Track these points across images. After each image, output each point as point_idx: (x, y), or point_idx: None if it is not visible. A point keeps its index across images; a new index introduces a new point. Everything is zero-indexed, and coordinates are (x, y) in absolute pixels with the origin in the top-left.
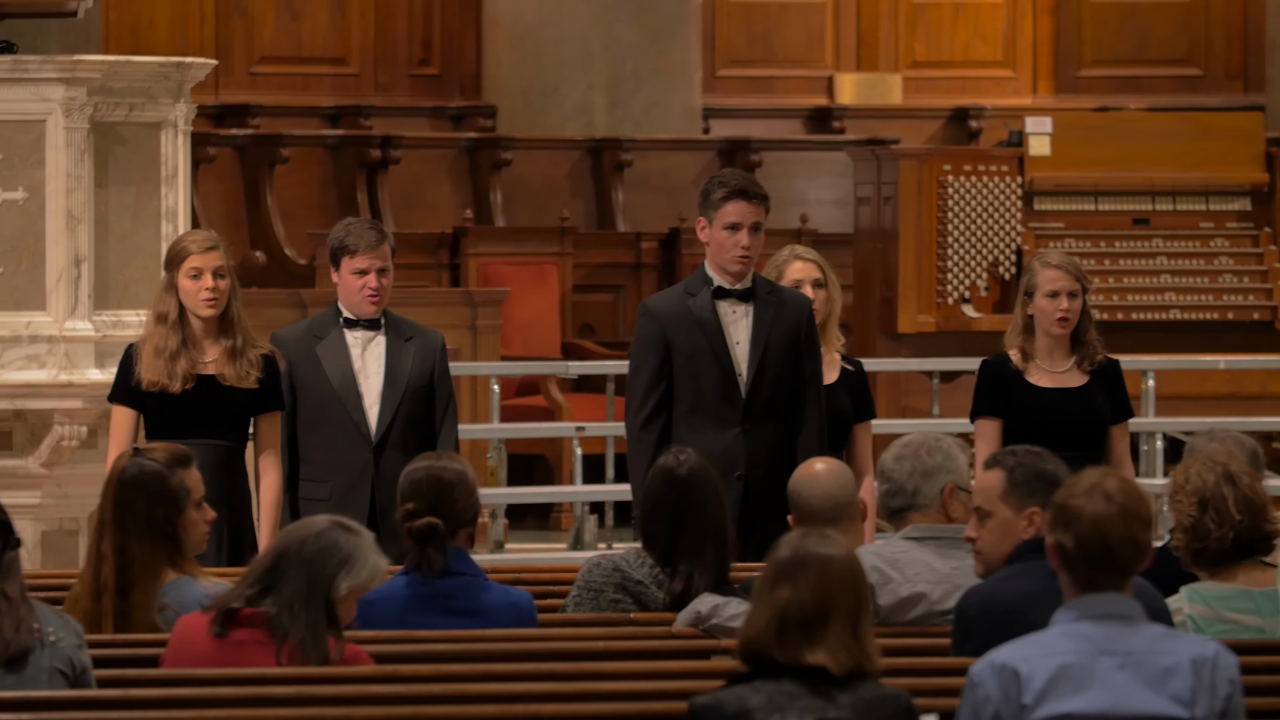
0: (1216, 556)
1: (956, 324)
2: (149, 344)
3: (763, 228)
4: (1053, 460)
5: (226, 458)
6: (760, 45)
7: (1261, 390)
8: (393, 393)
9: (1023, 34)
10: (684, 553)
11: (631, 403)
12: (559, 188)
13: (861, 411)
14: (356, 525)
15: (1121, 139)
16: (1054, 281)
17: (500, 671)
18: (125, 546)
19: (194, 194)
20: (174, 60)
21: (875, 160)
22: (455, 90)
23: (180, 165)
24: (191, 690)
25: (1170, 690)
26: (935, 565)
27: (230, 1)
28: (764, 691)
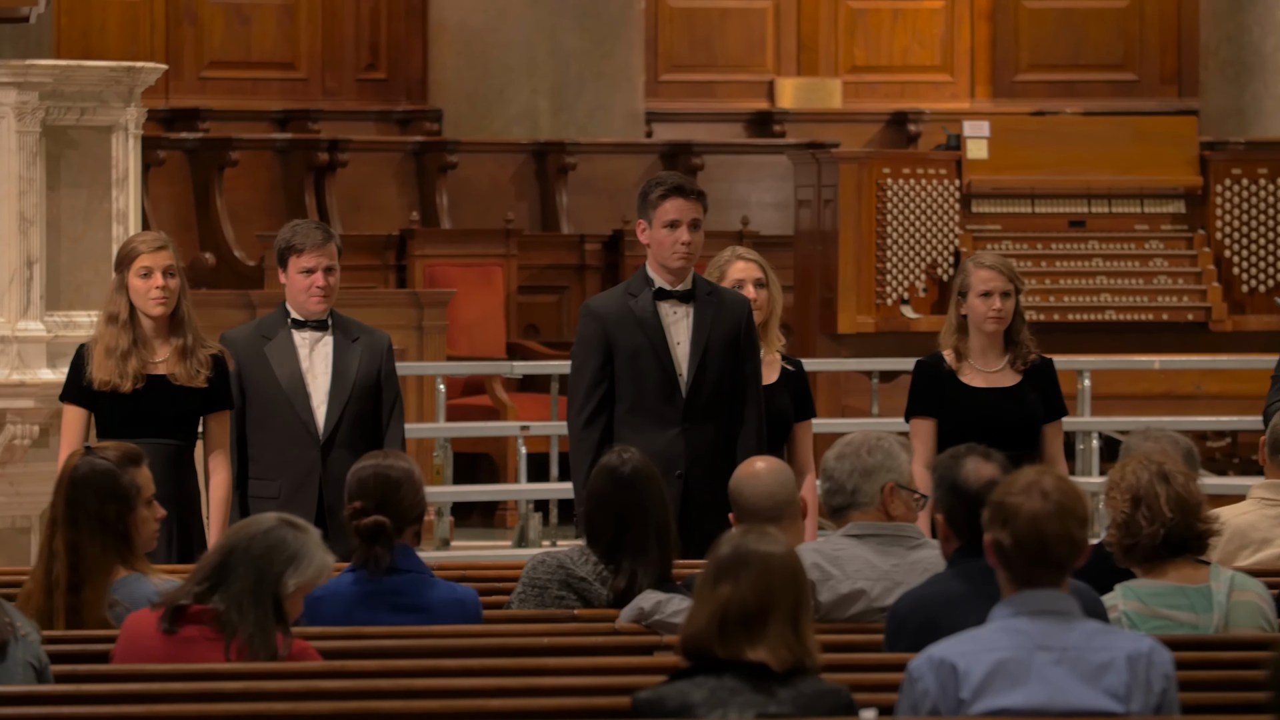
0: (1148, 553)
1: (895, 324)
2: (100, 344)
3: (701, 225)
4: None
5: (176, 456)
6: (702, 50)
7: (1195, 390)
8: (340, 392)
9: (960, 39)
10: (627, 550)
11: (573, 402)
12: (504, 190)
13: (802, 411)
14: (303, 523)
15: (1058, 143)
16: (987, 282)
17: (446, 667)
18: (77, 544)
19: (144, 197)
20: (125, 65)
21: (815, 163)
22: (402, 94)
23: (131, 168)
24: (142, 686)
25: (1106, 685)
26: (875, 562)
27: (180, 7)
28: (706, 687)
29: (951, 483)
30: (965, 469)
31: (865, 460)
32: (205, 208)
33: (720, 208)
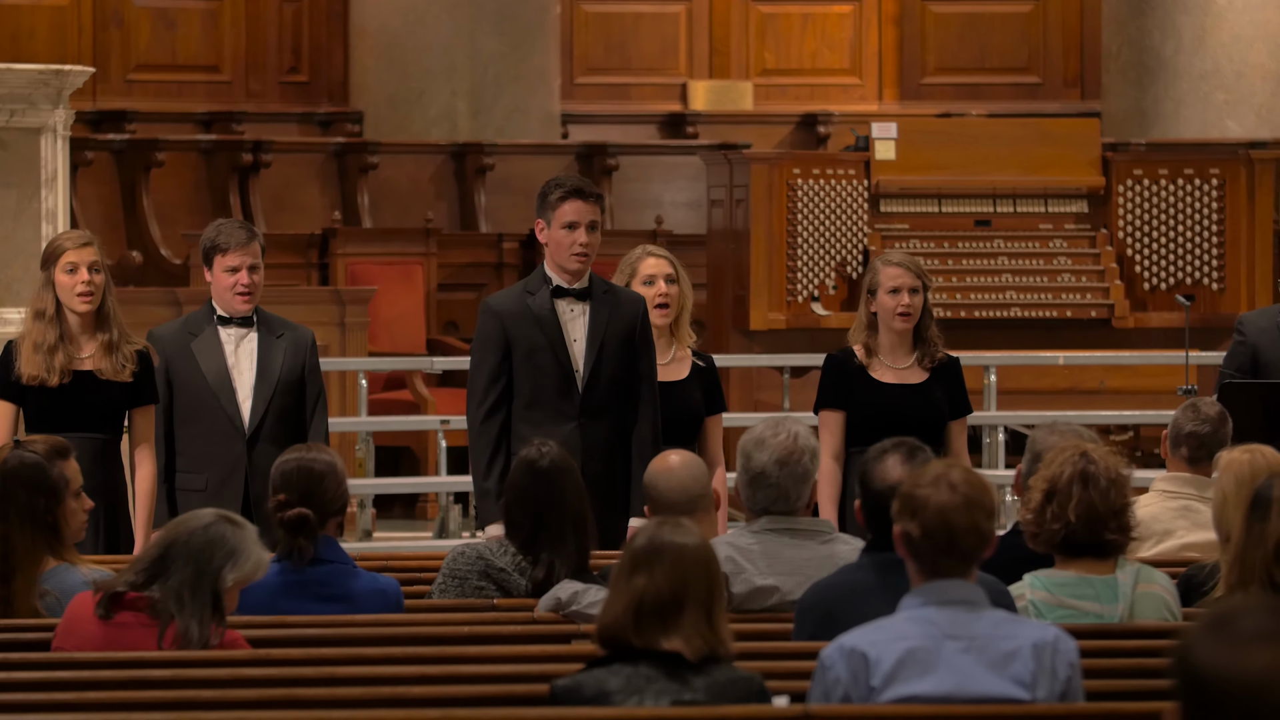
0: (1050, 546)
1: (806, 321)
2: (28, 339)
3: (599, 227)
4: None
5: (103, 450)
6: (616, 54)
7: (1099, 385)
8: (265, 387)
9: (868, 43)
10: (546, 541)
11: (473, 397)
12: (424, 190)
13: (712, 405)
14: (241, 519)
15: (964, 144)
16: (895, 279)
17: (369, 655)
18: (7, 535)
19: (73, 196)
20: (53, 68)
21: (727, 164)
22: (324, 97)
23: (59, 169)
24: (73, 673)
25: (1012, 673)
26: (788, 556)
27: (107, 12)
28: (622, 675)
29: (866, 477)
30: (881, 465)
31: (806, 465)
32: (132, 207)
33: (634, 207)
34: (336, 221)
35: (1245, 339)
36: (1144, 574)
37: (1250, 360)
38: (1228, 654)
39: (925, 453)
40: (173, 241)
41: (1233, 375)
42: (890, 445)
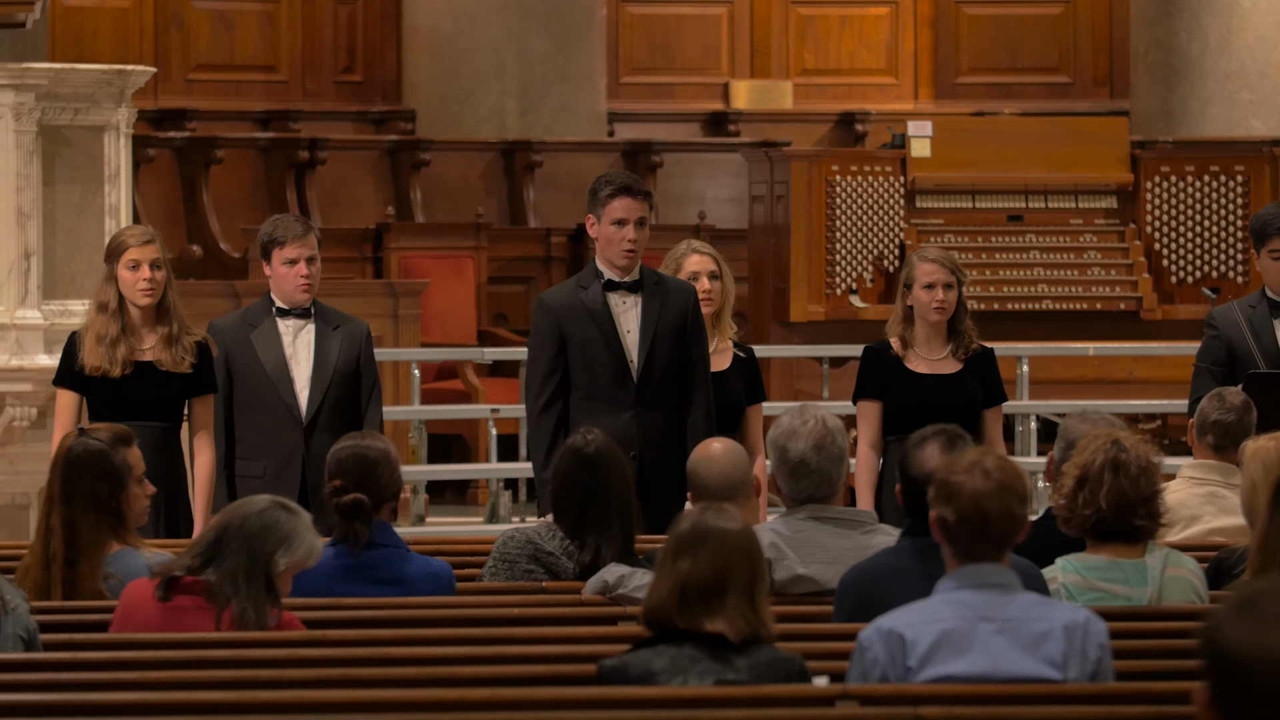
0: (1081, 530)
1: (844, 313)
2: (91, 331)
3: (647, 223)
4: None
5: (163, 438)
6: (661, 54)
7: (1128, 375)
8: (322, 377)
9: (904, 44)
10: (592, 526)
11: (530, 390)
12: (474, 187)
13: (753, 395)
14: (295, 506)
15: (997, 142)
16: (931, 274)
17: (421, 636)
18: (73, 520)
19: (135, 192)
20: (116, 68)
21: (768, 161)
22: (377, 96)
23: (122, 165)
24: (135, 653)
25: (1044, 654)
26: (830, 545)
27: (168, 13)
28: (666, 655)
29: (906, 463)
30: (921, 452)
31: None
32: (192, 203)
33: (678, 203)
34: (390, 217)
35: (1219, 333)
36: (1172, 558)
37: (1225, 353)
38: (1253, 634)
39: (965, 440)
40: (232, 236)
41: (1209, 368)
42: (931, 433)
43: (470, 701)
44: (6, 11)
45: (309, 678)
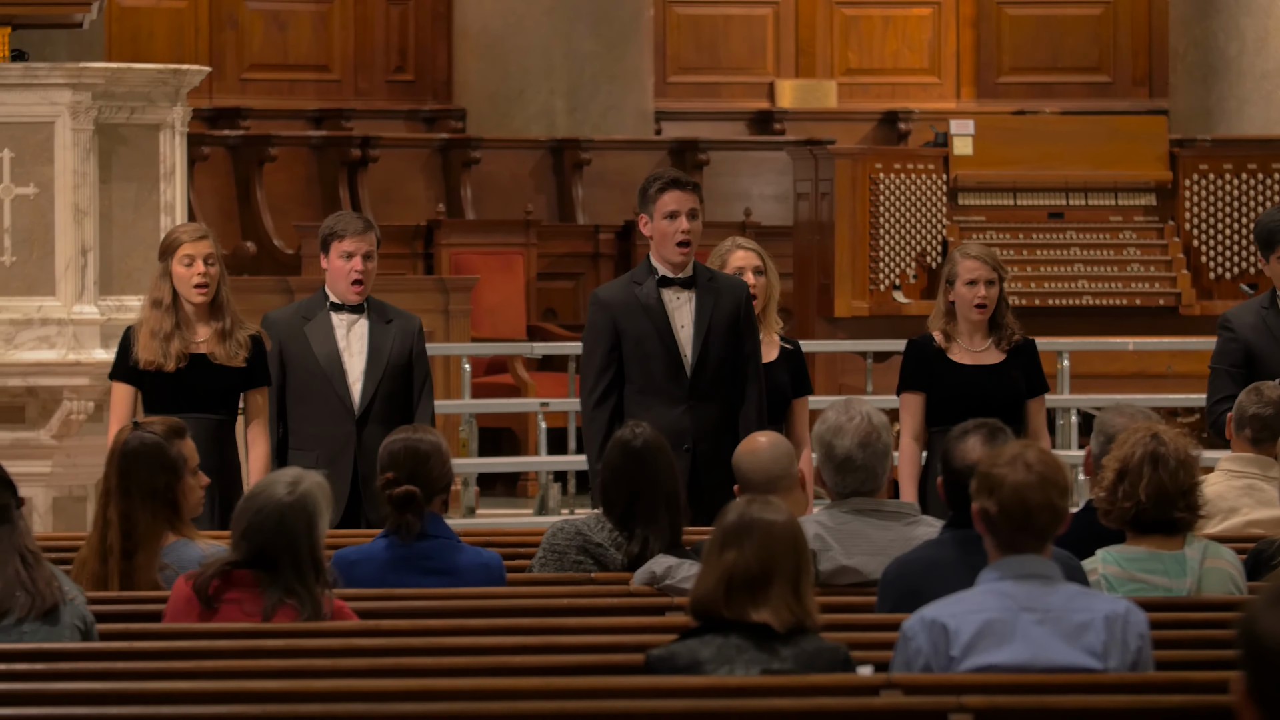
0: (1122, 522)
1: (888, 309)
2: (146, 326)
3: (699, 215)
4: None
5: (218, 430)
6: (707, 54)
7: (1166, 369)
8: (375, 371)
9: (947, 44)
10: (640, 518)
11: (585, 384)
12: (524, 184)
13: (799, 388)
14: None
15: (1038, 140)
16: (972, 271)
17: (472, 626)
18: (130, 513)
19: (190, 189)
20: (171, 67)
21: (813, 159)
22: (428, 95)
23: (177, 163)
24: (190, 643)
25: (1085, 644)
26: (874, 537)
27: (222, 14)
28: (713, 645)
29: (948, 456)
30: (962, 445)
31: (886, 441)
32: (246, 200)
33: (724, 200)
34: (441, 214)
35: (1235, 335)
36: (1211, 549)
37: (1243, 355)
38: None
39: (1006, 434)
40: (285, 232)
41: (1228, 370)
42: (972, 426)
43: (520, 690)
44: (64, 12)
45: (361, 667)
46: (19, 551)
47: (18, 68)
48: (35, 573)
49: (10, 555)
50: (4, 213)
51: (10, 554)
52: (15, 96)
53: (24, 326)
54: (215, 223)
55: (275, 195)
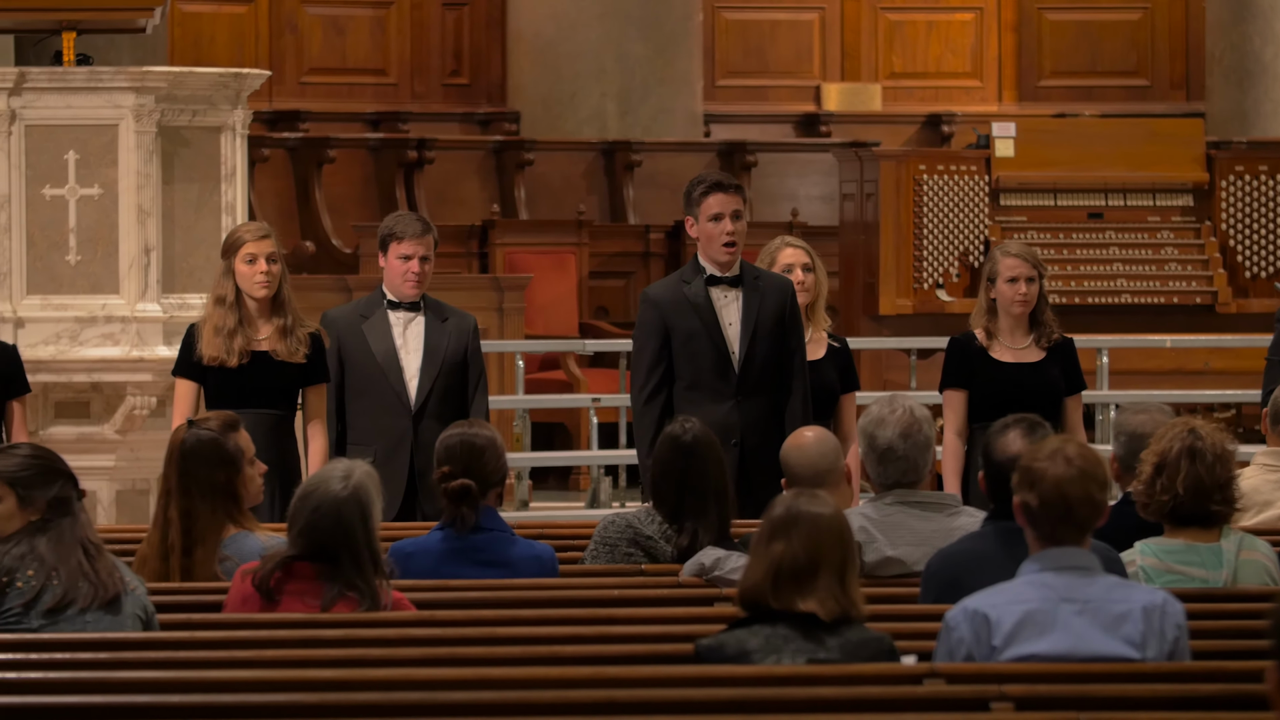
0: (1159, 515)
1: (931, 307)
2: (208, 323)
3: (743, 215)
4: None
5: (278, 425)
6: (755, 58)
7: (1204, 366)
8: (431, 367)
9: (989, 48)
10: (690, 511)
11: (636, 381)
12: (576, 185)
13: (847, 384)
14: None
15: (1077, 142)
16: (1013, 269)
17: (526, 616)
18: (190, 509)
19: (250, 190)
20: (232, 71)
21: (858, 161)
22: (483, 98)
23: (238, 165)
24: (250, 633)
25: (1124, 634)
26: (917, 527)
27: (282, 19)
28: (761, 635)
29: (989, 450)
30: (1002, 439)
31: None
32: (306, 200)
33: (772, 200)
34: (495, 214)
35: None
36: (1247, 542)
37: None
38: None
39: (1045, 428)
40: (343, 232)
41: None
42: (1012, 421)
43: (573, 679)
44: (127, 17)
45: (418, 656)
46: (81, 543)
47: (83, 71)
48: (97, 563)
49: (73, 547)
50: (70, 213)
51: (73, 546)
52: (80, 100)
53: (89, 324)
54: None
55: (333, 196)
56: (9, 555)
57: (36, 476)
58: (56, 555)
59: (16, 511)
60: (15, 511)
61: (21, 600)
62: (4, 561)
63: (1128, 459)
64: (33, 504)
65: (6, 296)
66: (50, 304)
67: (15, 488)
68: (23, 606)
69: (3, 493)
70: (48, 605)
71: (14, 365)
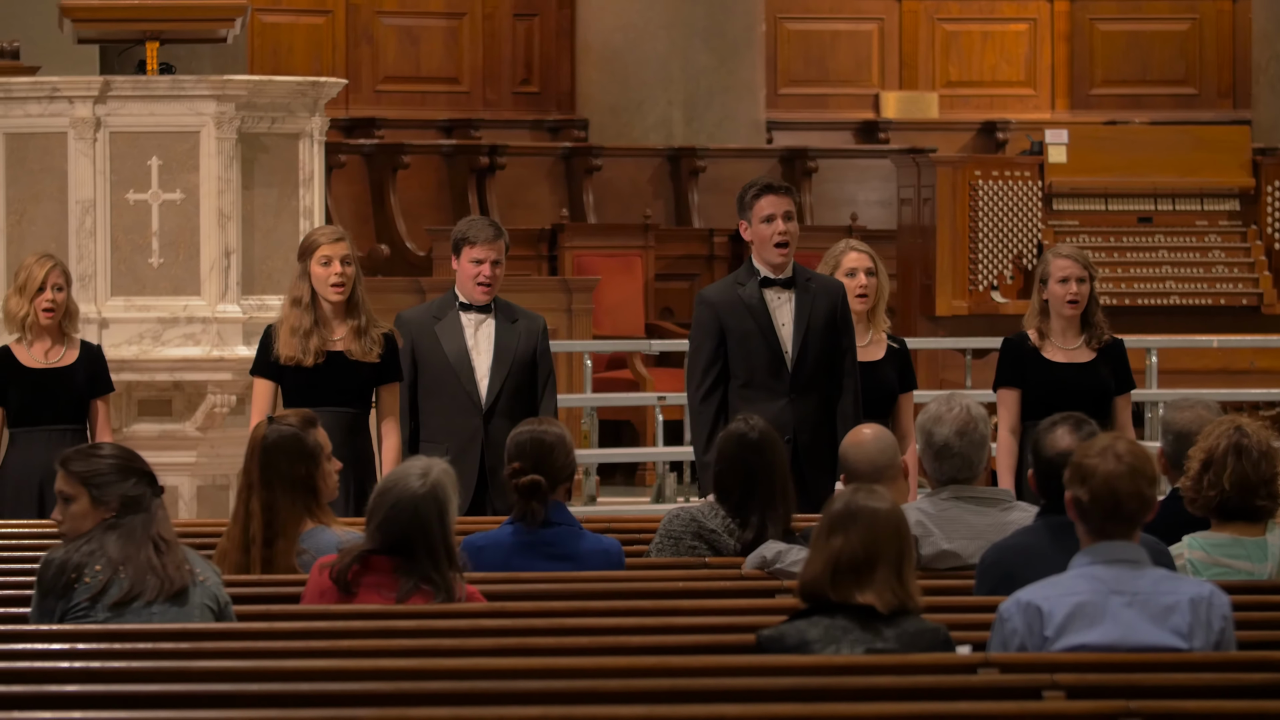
0: (1207, 510)
1: (986, 308)
2: (286, 324)
3: (794, 217)
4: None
5: (353, 422)
6: (816, 67)
7: (1249, 366)
8: (501, 367)
9: (1042, 58)
10: (752, 505)
11: (691, 379)
12: (642, 190)
13: (905, 383)
14: (430, 460)
15: (1128, 149)
16: (1064, 270)
17: (593, 608)
18: (271, 503)
19: (327, 195)
20: (310, 80)
21: (915, 167)
22: (553, 106)
23: (315, 170)
24: (328, 623)
25: (1171, 625)
26: (972, 522)
27: (359, 29)
28: (821, 626)
29: (1037, 446)
30: (1051, 435)
31: (982, 432)
32: (381, 205)
33: (832, 205)
34: (564, 218)
35: None
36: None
37: None
38: None
39: (1091, 425)
40: (417, 236)
41: None
42: (1059, 419)
43: (638, 669)
44: (209, 28)
45: (489, 647)
46: (152, 539)
47: (166, 80)
48: (166, 558)
49: (143, 543)
50: (152, 217)
51: (144, 541)
52: (163, 107)
53: (171, 325)
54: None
55: (407, 200)
56: (79, 552)
57: (109, 476)
58: (125, 551)
59: (90, 510)
60: (89, 510)
61: (88, 595)
62: (74, 558)
63: (1175, 455)
64: (105, 503)
65: (91, 298)
66: (134, 305)
67: (89, 487)
68: (89, 600)
69: (76, 492)
70: (114, 599)
71: (99, 365)
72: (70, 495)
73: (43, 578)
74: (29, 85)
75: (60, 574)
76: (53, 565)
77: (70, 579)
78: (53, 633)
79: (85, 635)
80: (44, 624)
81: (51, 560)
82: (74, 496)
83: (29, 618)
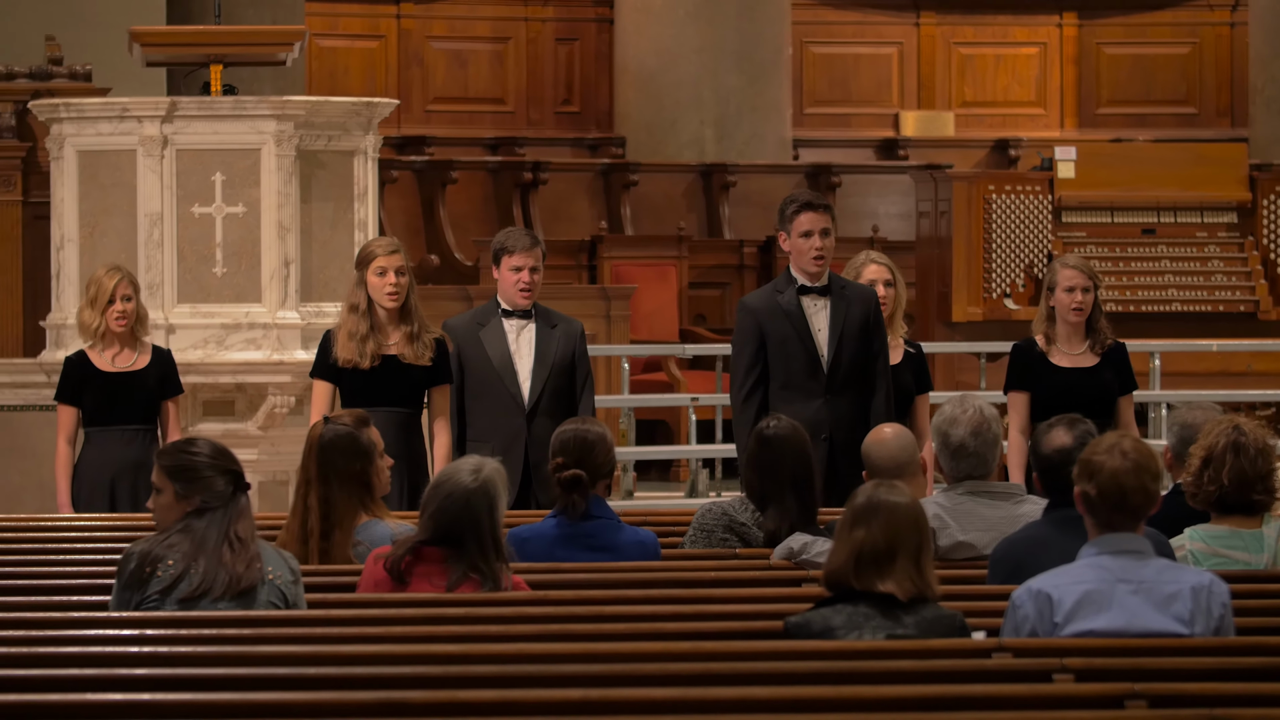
0: (1207, 504)
1: (999, 314)
2: (343, 329)
3: (831, 232)
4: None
5: (406, 422)
6: (839, 88)
7: (1247, 368)
8: (542, 370)
9: (1052, 80)
10: (769, 498)
11: (734, 381)
12: (676, 204)
13: (921, 386)
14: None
15: (1132, 165)
16: (1070, 279)
17: (631, 596)
18: (328, 497)
19: (380, 208)
20: (364, 100)
21: (933, 182)
22: (592, 125)
23: (369, 185)
24: (380, 610)
25: (1174, 612)
26: (986, 515)
27: (410, 53)
28: (844, 613)
29: (1037, 445)
30: (1049, 434)
31: (995, 431)
32: (431, 218)
33: (854, 218)
34: (603, 230)
35: None
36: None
37: None
38: None
39: (1085, 423)
40: (465, 246)
41: None
42: (1055, 420)
43: (673, 653)
44: (269, 52)
45: (533, 633)
46: (228, 536)
47: (229, 101)
48: (238, 556)
49: (219, 539)
50: (216, 229)
51: (220, 538)
52: (227, 126)
53: (233, 330)
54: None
55: (456, 214)
56: (159, 545)
57: (194, 472)
58: (200, 546)
59: (174, 503)
60: (173, 503)
61: (160, 588)
62: (154, 551)
63: (1182, 453)
64: (189, 498)
65: (159, 305)
66: (199, 312)
67: (175, 481)
68: (159, 594)
69: (163, 484)
70: (183, 594)
71: (169, 368)
72: (159, 488)
73: (123, 569)
74: (100, 105)
75: (140, 566)
76: (133, 557)
77: (146, 572)
78: (123, 619)
79: (153, 622)
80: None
81: (132, 552)
82: (161, 489)
83: (109, 605)
